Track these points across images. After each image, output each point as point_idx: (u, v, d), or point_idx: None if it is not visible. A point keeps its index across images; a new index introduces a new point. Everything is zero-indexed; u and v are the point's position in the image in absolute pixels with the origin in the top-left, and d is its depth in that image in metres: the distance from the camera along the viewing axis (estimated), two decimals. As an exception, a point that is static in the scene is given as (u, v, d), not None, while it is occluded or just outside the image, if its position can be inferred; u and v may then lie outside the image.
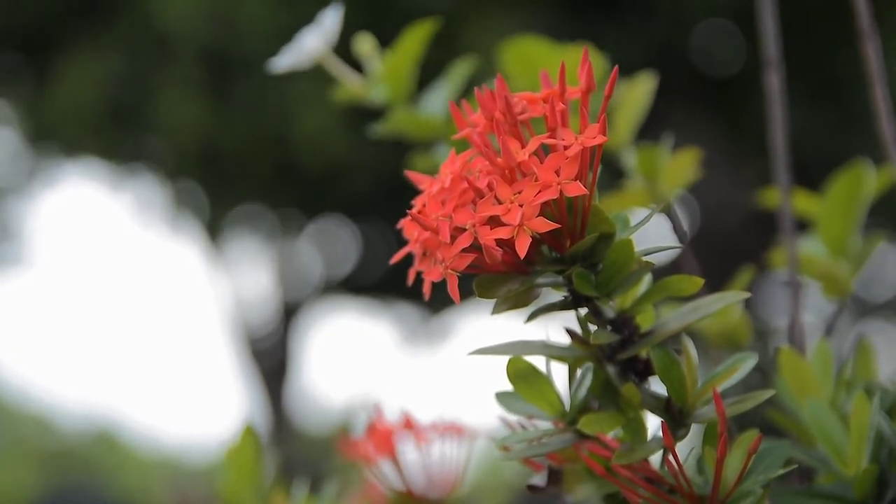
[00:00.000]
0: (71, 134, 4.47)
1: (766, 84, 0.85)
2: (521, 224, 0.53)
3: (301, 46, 0.86)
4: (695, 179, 0.88)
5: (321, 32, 0.86)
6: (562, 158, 0.54)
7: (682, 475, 0.57)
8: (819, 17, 3.57)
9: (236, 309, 5.99)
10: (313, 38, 0.86)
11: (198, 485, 5.73)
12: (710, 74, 4.23)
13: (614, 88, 0.57)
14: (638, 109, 0.86)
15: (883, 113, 0.78)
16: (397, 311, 5.83)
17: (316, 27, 0.86)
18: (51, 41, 4.35)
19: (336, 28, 0.86)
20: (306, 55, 0.86)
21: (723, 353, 0.89)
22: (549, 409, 0.60)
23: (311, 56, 0.86)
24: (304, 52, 0.86)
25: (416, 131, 0.88)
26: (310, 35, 0.86)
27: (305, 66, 0.86)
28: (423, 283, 0.56)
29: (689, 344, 0.59)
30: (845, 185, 0.84)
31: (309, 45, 0.86)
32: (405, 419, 0.84)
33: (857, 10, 0.80)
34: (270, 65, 0.86)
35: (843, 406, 0.68)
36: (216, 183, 4.60)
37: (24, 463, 6.80)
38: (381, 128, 0.89)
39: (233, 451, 0.84)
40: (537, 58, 0.83)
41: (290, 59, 0.86)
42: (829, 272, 0.83)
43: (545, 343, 0.60)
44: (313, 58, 0.86)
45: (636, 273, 0.57)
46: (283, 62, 0.86)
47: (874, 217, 0.92)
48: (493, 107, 0.56)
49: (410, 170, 0.59)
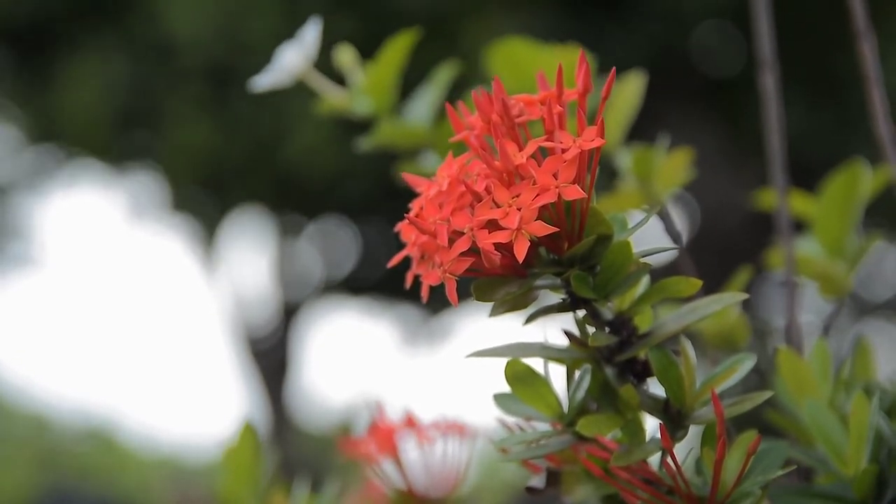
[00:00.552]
0: (74, 136, 4.47)
1: (760, 84, 0.85)
2: (520, 228, 0.53)
3: (281, 64, 0.85)
4: (693, 179, 0.88)
5: (300, 48, 0.85)
6: (560, 161, 0.54)
7: (681, 476, 0.57)
8: (815, 18, 3.57)
9: (236, 309, 5.99)
10: (293, 54, 0.85)
11: (197, 484, 5.73)
12: (710, 74, 4.22)
13: (611, 90, 0.57)
14: (628, 109, 0.86)
15: (880, 113, 0.79)
16: (397, 311, 5.82)
17: (295, 43, 0.85)
18: (57, 44, 4.35)
19: (315, 43, 0.84)
20: (287, 72, 0.85)
21: (721, 354, 0.89)
22: (548, 410, 0.60)
23: (291, 73, 0.85)
24: (285, 70, 0.85)
25: (402, 141, 0.87)
26: (289, 52, 0.85)
27: (287, 84, 0.85)
28: (422, 285, 0.56)
29: (688, 345, 0.59)
30: (841, 186, 0.84)
31: (289, 62, 0.85)
32: (407, 418, 0.84)
33: (854, 10, 0.80)
34: (253, 84, 0.86)
35: (842, 406, 0.68)
36: (217, 191, 4.61)
37: (21, 463, 6.79)
38: (366, 142, 0.88)
39: (232, 451, 0.84)
40: (525, 59, 0.83)
41: (271, 78, 0.85)
42: (826, 272, 0.83)
43: (543, 345, 0.60)
44: (294, 74, 0.85)
45: (634, 275, 0.57)
46: (265, 81, 0.85)
47: (871, 216, 0.92)
48: (490, 109, 0.56)
49: (396, 178, 0.59)
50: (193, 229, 5.39)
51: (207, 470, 6.44)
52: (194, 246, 5.68)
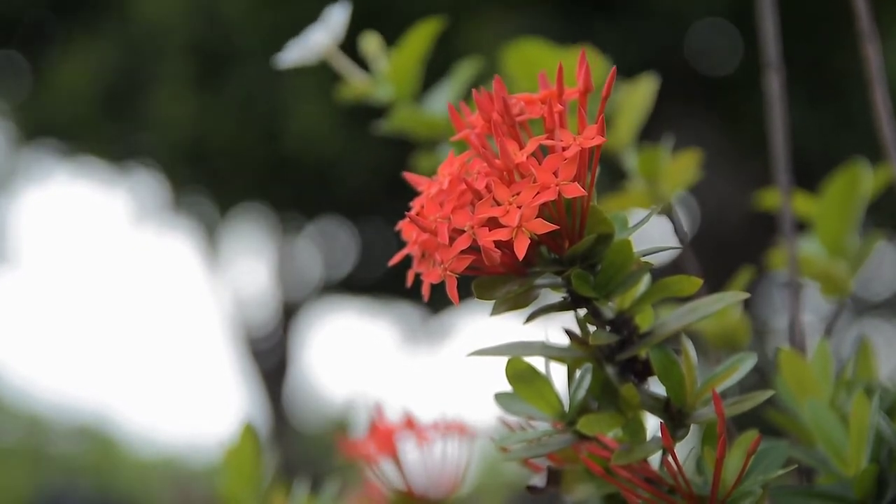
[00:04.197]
0: (65, 130, 4.47)
1: (766, 86, 0.85)
2: (520, 225, 0.53)
3: (307, 42, 0.86)
4: (695, 180, 0.88)
5: (328, 29, 0.86)
6: (560, 160, 0.54)
7: (682, 475, 0.57)
8: (819, 18, 3.57)
9: (236, 309, 5.99)
10: (320, 34, 0.86)
11: (197, 485, 5.73)
12: (709, 74, 4.22)
13: (612, 89, 0.57)
14: (640, 111, 0.87)
15: (883, 114, 0.78)
16: (397, 310, 5.83)
17: (322, 24, 0.86)
18: (42, 36, 4.36)
19: (343, 25, 0.86)
20: (313, 51, 0.86)
21: (722, 353, 0.89)
22: (549, 409, 0.60)
23: (317, 52, 0.86)
24: (311, 48, 0.86)
25: (421, 130, 0.88)
26: (316, 31, 0.86)
27: (311, 62, 0.86)
28: (423, 284, 0.56)
29: (689, 344, 0.59)
30: (842, 186, 0.84)
31: (316, 42, 0.86)
32: (406, 418, 0.84)
33: (858, 11, 0.80)
34: (275, 60, 0.86)
35: (843, 406, 0.68)
36: (210, 179, 4.59)
37: (19, 464, 6.79)
38: (385, 125, 0.89)
39: (232, 451, 0.84)
40: (540, 60, 0.83)
41: (296, 55, 0.86)
42: (828, 272, 0.83)
43: (544, 344, 0.60)
44: (320, 54, 0.86)
45: (635, 273, 0.57)
46: (289, 57, 0.86)
47: (874, 215, 0.92)
48: (490, 108, 0.56)
49: (414, 169, 0.59)
50: (193, 229, 5.40)
51: (208, 470, 6.44)
52: (194, 246, 5.69)
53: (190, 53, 4.00)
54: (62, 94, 4.24)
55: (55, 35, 4.35)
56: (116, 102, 4.26)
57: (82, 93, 4.20)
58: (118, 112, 4.31)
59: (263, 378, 5.93)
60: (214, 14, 3.86)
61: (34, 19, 4.47)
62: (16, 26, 4.51)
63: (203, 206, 5.04)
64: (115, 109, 4.29)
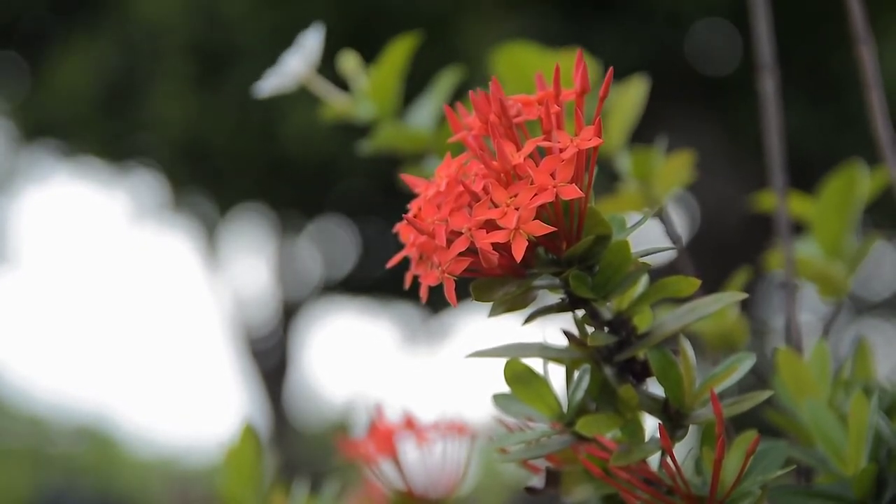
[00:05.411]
0: (65, 129, 4.48)
1: (760, 88, 0.85)
2: (518, 227, 0.53)
3: (284, 69, 0.86)
4: (691, 180, 0.88)
5: (303, 54, 0.86)
6: (557, 161, 0.54)
7: (680, 476, 0.57)
8: (814, 19, 3.57)
9: (236, 309, 5.99)
10: (295, 60, 0.86)
11: (197, 485, 5.73)
12: (708, 74, 4.22)
13: (609, 90, 0.57)
14: (631, 112, 0.86)
15: (879, 115, 0.79)
16: (397, 311, 5.83)
17: (297, 49, 0.86)
18: (42, 36, 4.36)
19: (317, 49, 0.86)
20: (290, 77, 0.86)
21: (720, 354, 0.89)
22: (547, 410, 0.60)
23: (294, 78, 0.86)
24: (288, 75, 0.86)
25: (405, 145, 0.87)
26: (292, 57, 0.86)
27: (290, 89, 0.86)
28: (421, 285, 0.56)
29: (687, 345, 0.59)
30: (839, 187, 0.84)
31: (291, 68, 0.86)
32: (406, 418, 0.84)
33: (853, 13, 0.80)
34: (256, 89, 0.86)
35: (842, 406, 0.68)
36: (210, 179, 4.59)
37: (19, 464, 6.78)
38: (369, 144, 0.88)
39: (233, 452, 0.84)
40: (529, 63, 0.83)
41: (274, 83, 0.86)
42: (825, 273, 0.83)
43: (543, 345, 0.60)
44: (297, 80, 0.86)
45: (633, 274, 0.57)
46: (268, 86, 0.86)
47: (871, 216, 0.92)
48: (487, 110, 0.56)
49: (397, 180, 0.60)
50: (193, 229, 5.40)
51: (208, 471, 6.44)
52: (194, 246, 5.69)
53: (189, 53, 4.00)
54: (62, 94, 4.24)
55: (54, 35, 4.35)
56: (116, 102, 4.26)
57: (82, 92, 4.20)
58: (118, 112, 4.31)
59: (263, 378, 5.93)
60: (214, 14, 3.87)
61: (33, 19, 4.47)
62: (15, 26, 4.51)
63: (203, 206, 5.04)
64: (115, 109, 4.29)
